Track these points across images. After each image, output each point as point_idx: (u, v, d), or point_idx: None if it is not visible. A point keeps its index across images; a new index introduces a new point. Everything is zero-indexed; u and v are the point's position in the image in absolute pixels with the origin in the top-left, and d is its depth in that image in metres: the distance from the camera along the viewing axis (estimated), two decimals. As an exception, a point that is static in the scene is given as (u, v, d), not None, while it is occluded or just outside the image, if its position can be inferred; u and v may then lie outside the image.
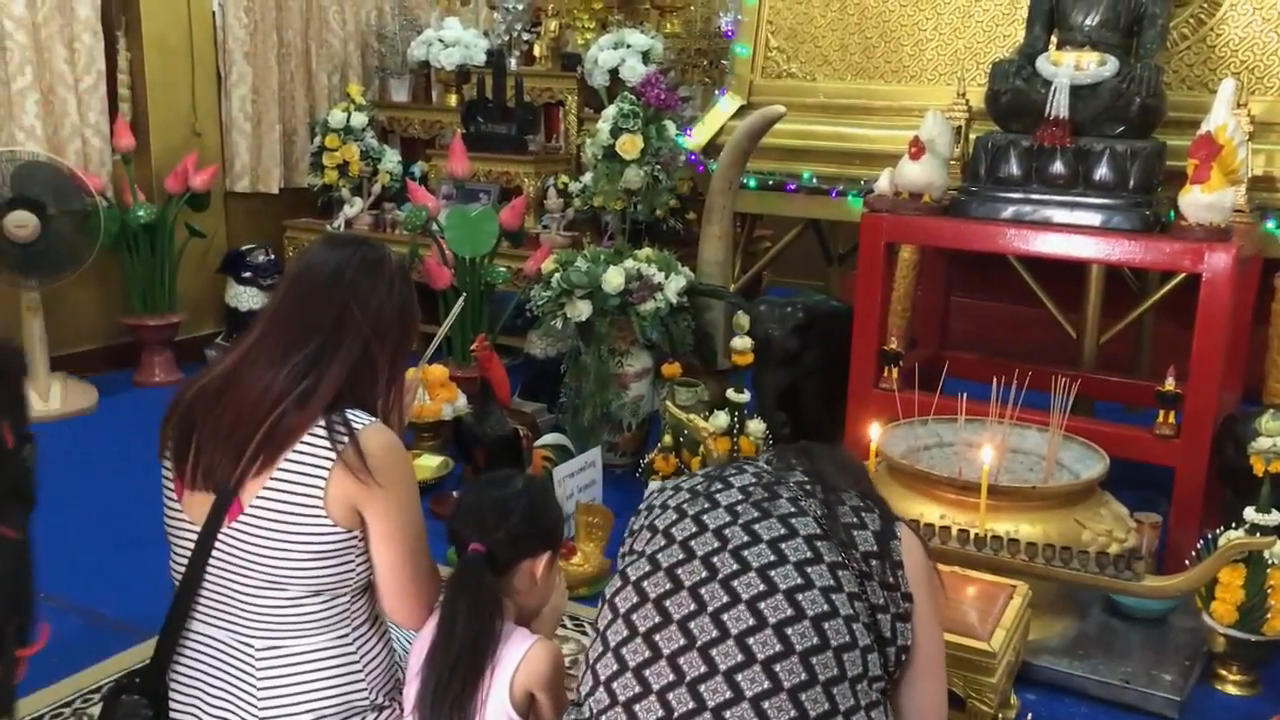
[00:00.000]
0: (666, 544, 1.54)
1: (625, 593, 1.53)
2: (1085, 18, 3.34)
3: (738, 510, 1.55)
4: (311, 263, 1.89)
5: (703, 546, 1.51)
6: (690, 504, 1.59)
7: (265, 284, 5.27)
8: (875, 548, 1.53)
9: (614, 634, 1.51)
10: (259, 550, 1.75)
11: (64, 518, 3.56)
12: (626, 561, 1.60)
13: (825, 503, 1.56)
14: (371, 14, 6.00)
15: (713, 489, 1.60)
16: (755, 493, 1.58)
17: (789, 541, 1.50)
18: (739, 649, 1.41)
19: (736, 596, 1.45)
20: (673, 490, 1.65)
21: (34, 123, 4.62)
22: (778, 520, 1.52)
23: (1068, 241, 3.22)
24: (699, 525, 1.54)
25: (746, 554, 1.48)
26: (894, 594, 1.52)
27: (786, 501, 1.55)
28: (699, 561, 1.50)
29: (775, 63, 4.48)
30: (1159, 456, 3.15)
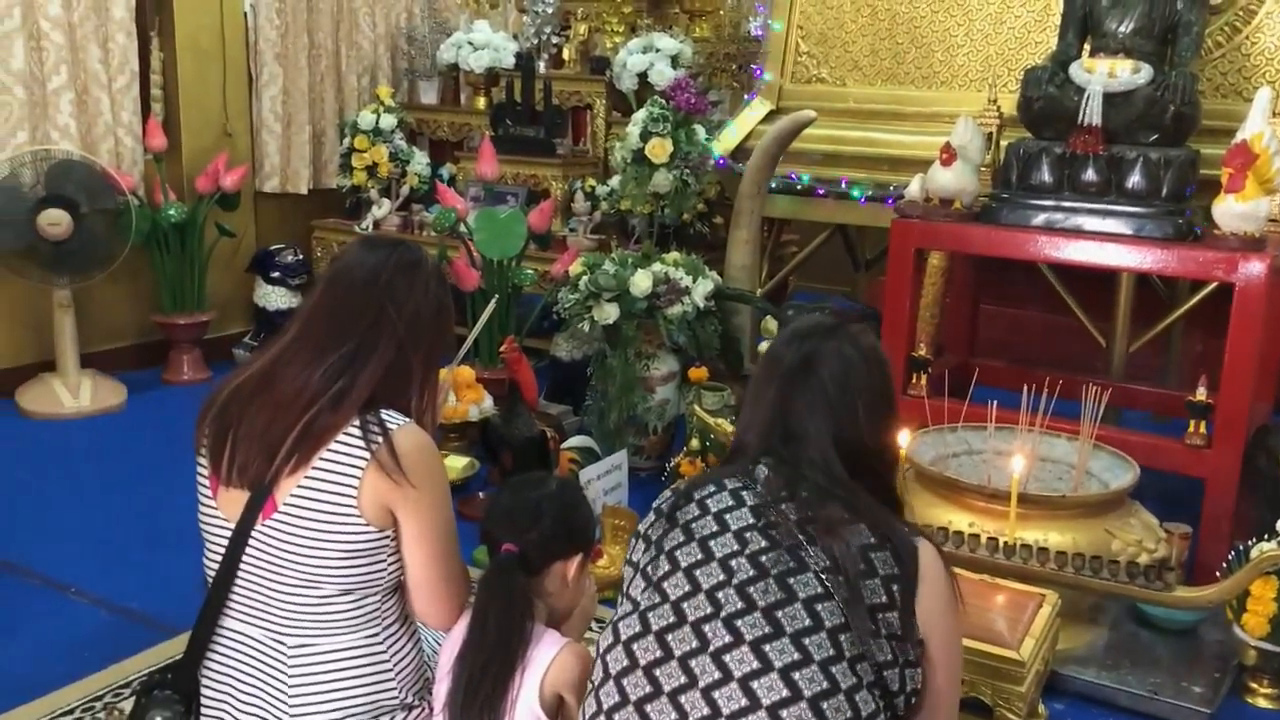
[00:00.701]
0: (659, 601, 1.50)
1: (615, 652, 1.52)
2: (1119, 25, 3.33)
3: (732, 566, 1.48)
4: (349, 264, 1.90)
5: (694, 610, 1.46)
6: (682, 550, 1.53)
7: (293, 284, 5.31)
8: (884, 598, 1.46)
9: (606, 681, 1.51)
10: (292, 548, 1.75)
11: (94, 514, 3.61)
12: (620, 605, 1.59)
13: (828, 550, 1.47)
14: (401, 16, 6.03)
15: (706, 533, 1.53)
16: (753, 542, 1.50)
17: (787, 608, 1.43)
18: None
19: (728, 674, 1.40)
20: (673, 496, 1.64)
21: (68, 121, 4.67)
22: (775, 581, 1.45)
23: (1099, 249, 3.21)
24: (691, 583, 1.49)
25: (739, 624, 1.43)
26: (904, 644, 1.46)
27: (786, 551, 1.48)
28: (689, 629, 1.45)
29: (805, 68, 4.48)
30: (1190, 467, 3.13)
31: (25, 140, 4.53)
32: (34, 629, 2.88)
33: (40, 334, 4.72)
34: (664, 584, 1.51)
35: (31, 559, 3.24)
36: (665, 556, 1.54)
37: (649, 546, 1.59)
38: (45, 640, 2.82)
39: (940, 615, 1.51)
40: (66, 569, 3.19)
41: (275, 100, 5.47)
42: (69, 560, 3.24)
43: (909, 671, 1.46)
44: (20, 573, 3.18)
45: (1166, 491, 3.25)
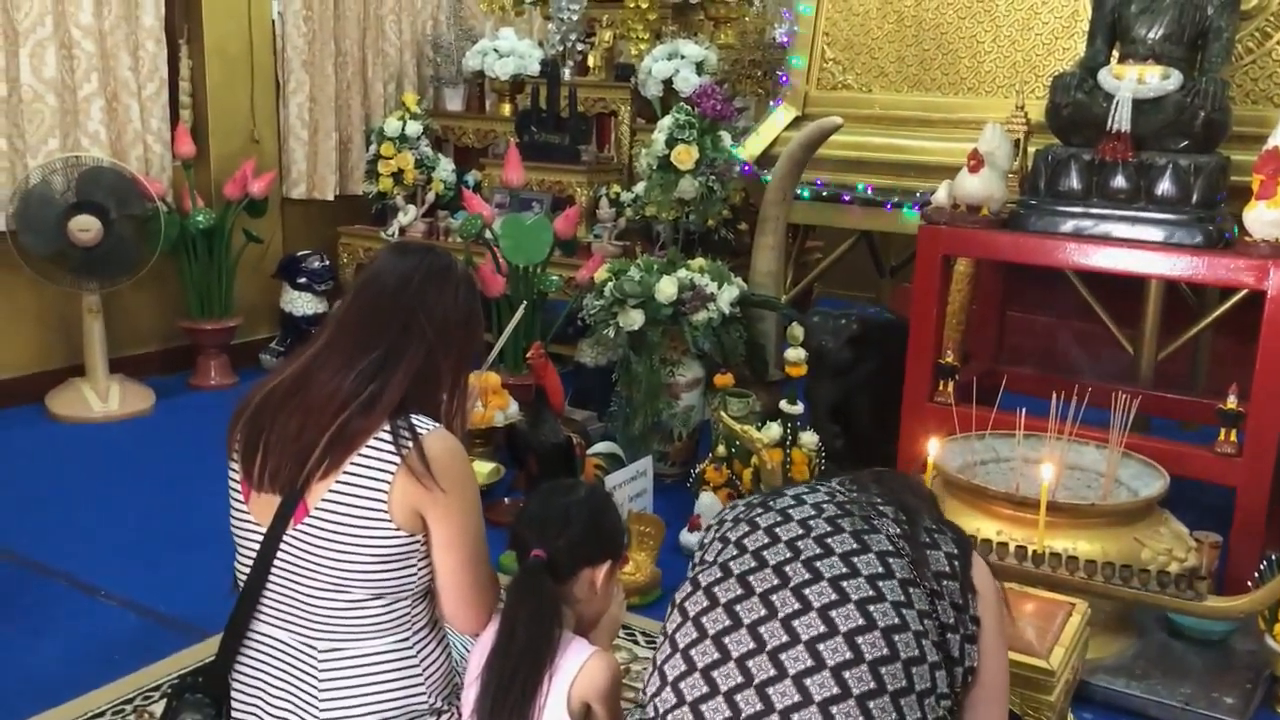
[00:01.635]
0: (739, 554, 1.56)
1: (695, 597, 1.54)
2: (1148, 31, 3.31)
3: (810, 524, 1.56)
4: (380, 270, 1.91)
5: (775, 556, 1.53)
6: (762, 517, 1.60)
7: (319, 289, 5.33)
8: (948, 568, 1.54)
9: (683, 636, 1.51)
10: (323, 553, 1.76)
11: (122, 517, 3.63)
12: (697, 570, 1.61)
13: (898, 521, 1.57)
14: (428, 24, 6.07)
15: (785, 505, 1.62)
16: (828, 509, 1.59)
17: (861, 556, 1.51)
18: (809, 654, 1.42)
19: (808, 604, 1.46)
20: (745, 506, 1.66)
21: (98, 128, 4.71)
22: (850, 535, 1.54)
23: (1129, 256, 3.19)
24: (771, 536, 1.56)
25: (819, 564, 1.49)
26: (963, 615, 1.52)
27: (860, 519, 1.57)
28: (771, 570, 1.51)
29: (831, 74, 4.47)
30: (1220, 475, 3.11)
31: (56, 147, 4.57)
32: (64, 632, 2.90)
33: (69, 339, 4.76)
34: (732, 562, 1.55)
35: (61, 562, 3.27)
36: (733, 544, 1.59)
37: (711, 545, 1.63)
38: (75, 643, 2.84)
39: (993, 606, 1.57)
40: (96, 572, 3.21)
41: (302, 107, 5.51)
42: (98, 563, 3.27)
43: (968, 647, 1.51)
44: (50, 575, 3.21)
45: (1196, 500, 3.23)
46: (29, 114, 4.51)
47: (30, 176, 4.43)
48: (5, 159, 4.45)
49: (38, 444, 4.31)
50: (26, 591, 3.11)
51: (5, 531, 3.45)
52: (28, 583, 3.17)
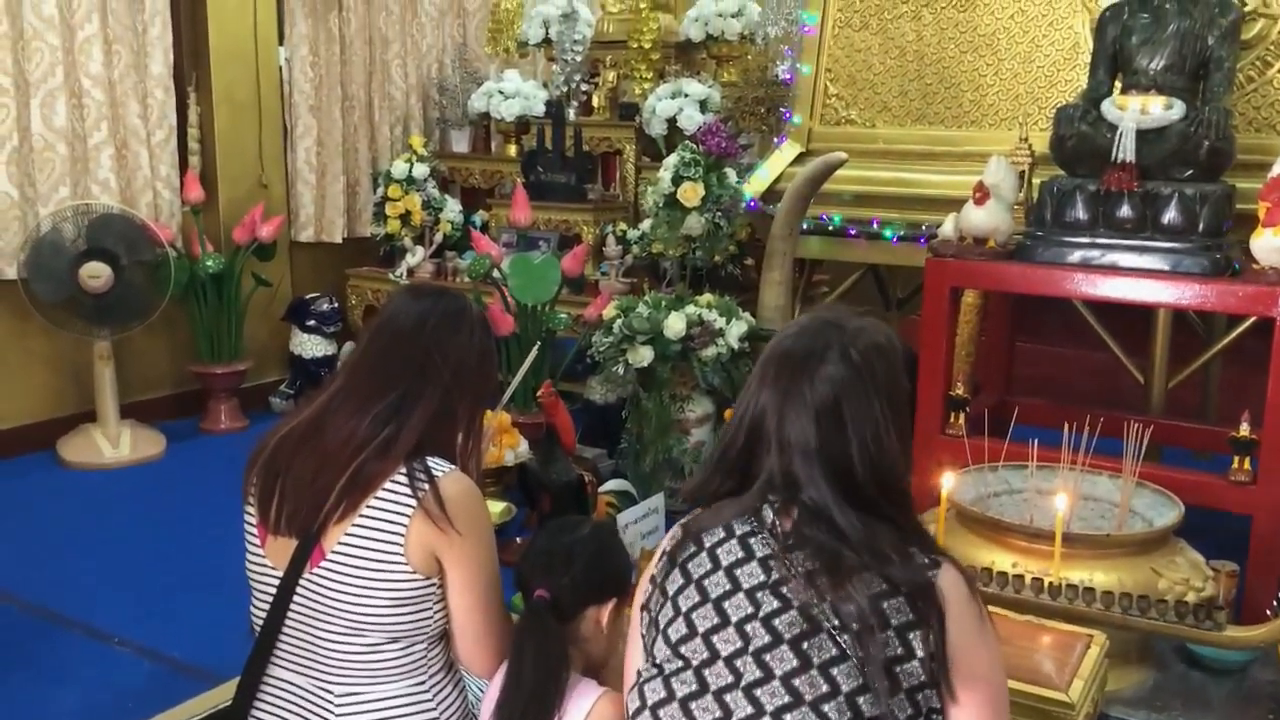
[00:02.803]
0: (683, 667, 1.48)
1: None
2: (1150, 62, 3.33)
3: (747, 632, 1.43)
4: (394, 313, 1.92)
5: (715, 680, 1.44)
6: (698, 613, 1.48)
7: (329, 332, 5.36)
8: (900, 650, 1.38)
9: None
10: (340, 596, 1.76)
11: (135, 564, 3.63)
12: (657, 606, 1.55)
13: (836, 610, 1.40)
14: (433, 67, 6.12)
15: (719, 592, 1.47)
16: (765, 602, 1.44)
17: (803, 675, 1.39)
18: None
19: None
20: (678, 573, 1.53)
21: (108, 176, 4.75)
22: (790, 648, 1.41)
23: (1136, 286, 3.20)
24: (709, 649, 1.46)
25: (759, 693, 1.40)
26: (927, 692, 1.40)
27: (799, 614, 1.42)
28: (711, 697, 1.44)
29: (834, 110, 4.50)
30: (1235, 504, 3.10)
31: (67, 195, 4.62)
32: (78, 680, 2.90)
33: (80, 385, 4.78)
34: (682, 648, 1.48)
35: (74, 609, 3.27)
36: (683, 618, 1.49)
37: (663, 598, 1.53)
38: (89, 691, 2.84)
39: (974, 652, 1.43)
40: (109, 619, 3.21)
41: (310, 151, 5.56)
42: (111, 610, 3.27)
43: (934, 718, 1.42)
44: (64, 623, 3.21)
45: (1212, 529, 3.21)
46: (40, 163, 4.56)
47: (41, 225, 4.47)
48: (17, 208, 4.49)
49: (49, 491, 4.32)
50: (40, 639, 3.11)
51: (18, 579, 3.46)
52: (41, 631, 3.16)
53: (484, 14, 6.21)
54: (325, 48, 5.55)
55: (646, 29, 5.32)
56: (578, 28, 5.38)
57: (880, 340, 1.54)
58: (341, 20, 5.61)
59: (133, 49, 4.81)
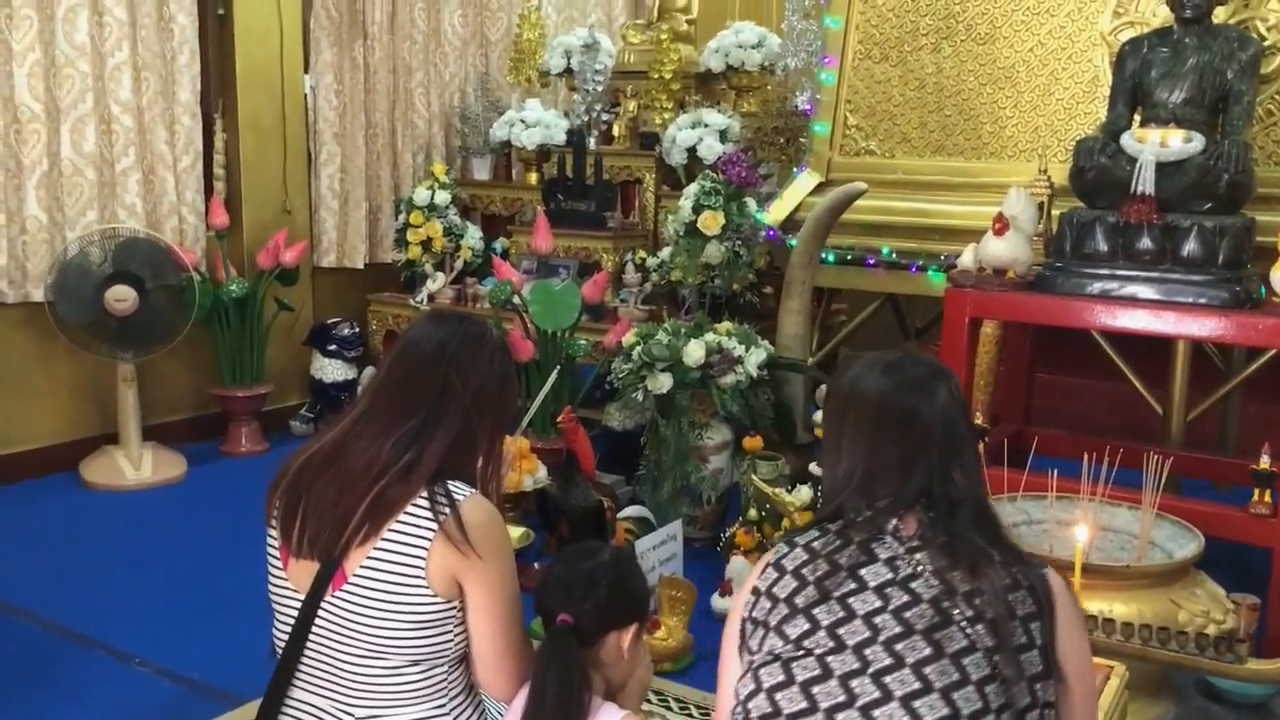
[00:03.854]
0: (802, 654, 1.51)
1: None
2: (1170, 95, 3.35)
3: (876, 624, 1.48)
4: (416, 338, 1.94)
5: (840, 666, 1.47)
6: (821, 609, 1.52)
7: (350, 356, 5.39)
8: (1024, 639, 1.47)
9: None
10: (361, 619, 1.78)
11: (156, 585, 3.65)
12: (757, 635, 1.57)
13: (968, 601, 1.48)
14: (455, 96, 6.18)
15: (839, 591, 1.53)
16: (894, 597, 1.50)
17: (935, 664, 1.45)
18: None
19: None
20: (793, 577, 1.58)
21: (135, 200, 4.81)
22: (922, 638, 1.46)
23: (1156, 318, 3.20)
24: (834, 640, 1.49)
25: (888, 680, 1.45)
26: (1044, 683, 1.48)
27: (930, 607, 1.48)
28: (836, 681, 1.47)
29: (854, 140, 4.53)
30: (1255, 536, 3.09)
31: (94, 219, 4.68)
32: (99, 700, 2.91)
33: (103, 407, 4.82)
34: (805, 640, 1.51)
35: (96, 630, 3.28)
36: (803, 614, 1.53)
37: (771, 602, 1.57)
38: (110, 712, 2.85)
39: (1076, 645, 1.54)
40: (130, 639, 3.23)
41: (333, 178, 5.62)
42: (133, 631, 3.28)
43: (1046, 712, 1.48)
44: (85, 643, 3.22)
45: (1232, 561, 3.20)
46: (68, 187, 4.62)
47: (69, 248, 4.53)
48: (45, 231, 4.55)
49: (72, 512, 4.35)
50: (61, 660, 3.13)
51: (39, 598, 3.48)
52: (63, 651, 3.18)
53: (506, 44, 6.27)
54: (350, 76, 5.61)
55: (667, 60, 5.37)
56: (599, 58, 5.43)
57: (955, 383, 1.72)
58: (366, 49, 5.68)
59: (161, 76, 4.88)
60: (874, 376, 1.68)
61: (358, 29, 5.62)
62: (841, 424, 1.68)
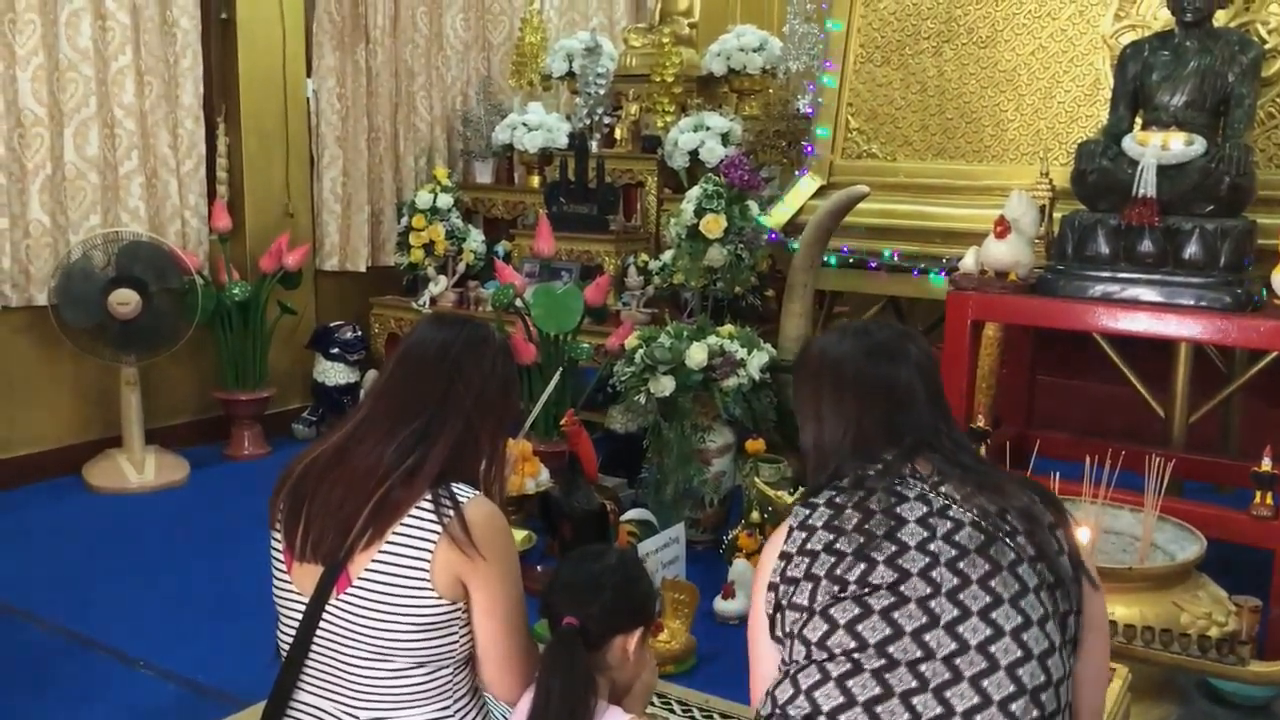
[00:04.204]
0: (870, 590, 1.54)
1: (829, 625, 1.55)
2: (1171, 98, 3.35)
3: (931, 549, 1.53)
4: (418, 341, 1.95)
5: (914, 591, 1.52)
6: (877, 551, 1.55)
7: (352, 360, 5.40)
8: (1057, 546, 1.56)
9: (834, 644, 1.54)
10: (366, 622, 1.78)
11: (160, 588, 3.66)
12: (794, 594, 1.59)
13: (1002, 517, 1.56)
14: (457, 99, 6.20)
15: (883, 530, 1.56)
16: (937, 525, 1.56)
17: (997, 577, 1.51)
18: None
19: (965, 644, 1.48)
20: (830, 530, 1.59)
21: (138, 204, 4.82)
22: (979, 555, 1.53)
23: (1158, 320, 3.20)
24: (897, 570, 1.52)
25: (962, 596, 1.50)
26: (1076, 586, 1.56)
27: (974, 530, 1.55)
28: (915, 605, 1.51)
29: (855, 144, 4.54)
30: (1257, 538, 3.09)
31: (97, 223, 4.68)
32: (104, 703, 2.91)
33: (106, 410, 4.83)
34: (870, 576, 1.53)
35: (100, 633, 3.29)
36: (852, 556, 1.55)
37: (808, 559, 1.58)
38: (115, 714, 2.86)
39: (1085, 554, 1.61)
40: (135, 643, 3.23)
41: (336, 181, 5.62)
42: (137, 634, 3.29)
43: (1078, 618, 1.55)
44: (90, 646, 3.23)
45: (1233, 564, 3.20)
46: (71, 191, 4.63)
47: (72, 252, 4.54)
48: (48, 235, 4.56)
49: (75, 515, 4.36)
50: (66, 663, 3.14)
51: (44, 601, 3.49)
52: (67, 654, 3.19)
53: (508, 47, 6.28)
54: (352, 79, 5.62)
55: (669, 63, 5.38)
56: (601, 61, 5.44)
57: (923, 341, 1.78)
58: (368, 53, 5.69)
59: (164, 80, 4.89)
60: (844, 345, 1.73)
61: (360, 32, 5.63)
62: (819, 394, 1.72)
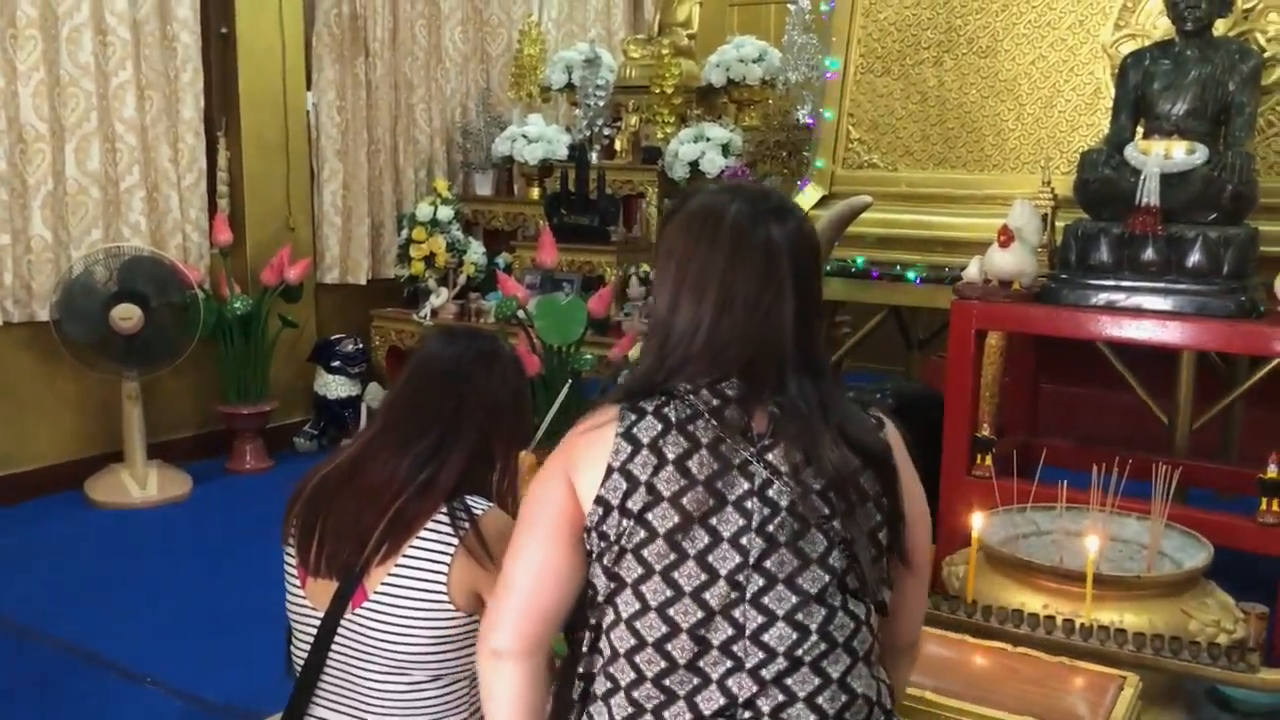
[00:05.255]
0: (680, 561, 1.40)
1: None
2: (1172, 107, 3.36)
3: (743, 544, 1.39)
4: (429, 355, 1.96)
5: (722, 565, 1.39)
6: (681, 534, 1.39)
7: (353, 372, 5.40)
8: (878, 519, 1.46)
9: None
10: (383, 636, 1.78)
11: (165, 603, 3.66)
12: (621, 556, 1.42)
13: (834, 508, 1.42)
14: (456, 112, 6.21)
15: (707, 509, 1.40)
16: (754, 510, 1.40)
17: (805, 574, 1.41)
18: None
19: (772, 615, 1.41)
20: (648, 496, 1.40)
21: (139, 219, 4.83)
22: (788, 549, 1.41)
23: (1163, 328, 3.21)
24: (712, 537, 1.39)
25: (766, 600, 1.40)
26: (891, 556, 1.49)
27: (787, 517, 1.41)
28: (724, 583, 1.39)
29: (856, 154, 4.55)
30: (1264, 545, 3.09)
31: (99, 238, 4.69)
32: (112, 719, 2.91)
33: (108, 425, 4.82)
34: (675, 573, 1.39)
35: (107, 649, 3.29)
36: (663, 540, 1.40)
37: (627, 519, 1.41)
38: (123, 729, 2.86)
39: (913, 490, 1.54)
40: (141, 659, 3.23)
41: (336, 194, 5.64)
42: (144, 650, 3.29)
43: (883, 585, 1.48)
44: (96, 662, 3.22)
45: (1239, 570, 3.21)
46: (73, 206, 4.64)
47: (73, 267, 4.54)
48: (50, 250, 4.56)
49: (78, 531, 4.36)
50: (73, 679, 3.13)
51: (50, 618, 3.48)
52: (74, 670, 3.19)
53: (507, 60, 6.30)
54: (352, 92, 5.63)
55: (669, 74, 5.39)
56: (600, 73, 5.46)
57: (808, 218, 1.58)
58: (368, 66, 5.70)
59: (165, 94, 4.90)
60: (728, 198, 1.48)
61: (359, 46, 5.64)
62: (689, 253, 1.45)
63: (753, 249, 1.44)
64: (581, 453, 1.45)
